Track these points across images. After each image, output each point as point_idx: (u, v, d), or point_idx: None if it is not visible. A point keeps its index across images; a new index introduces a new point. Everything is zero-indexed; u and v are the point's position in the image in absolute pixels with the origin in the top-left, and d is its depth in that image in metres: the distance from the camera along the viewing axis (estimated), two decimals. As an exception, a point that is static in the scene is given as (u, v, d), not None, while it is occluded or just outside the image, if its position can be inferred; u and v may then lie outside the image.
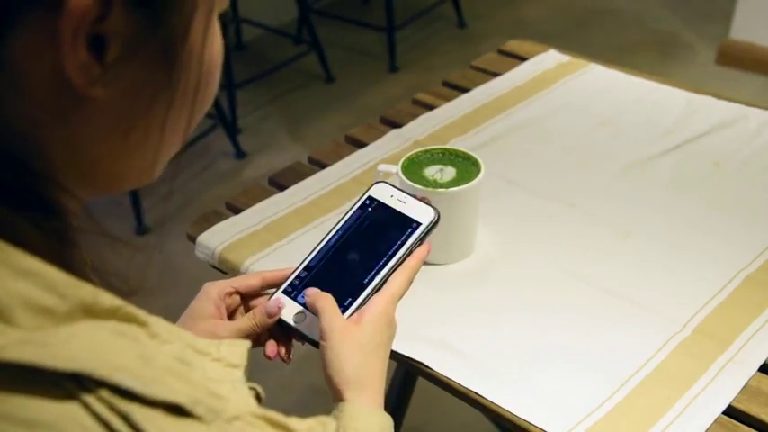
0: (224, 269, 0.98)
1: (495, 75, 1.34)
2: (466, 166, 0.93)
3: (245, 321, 0.71)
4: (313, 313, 0.68)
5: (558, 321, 0.86)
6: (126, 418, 0.37)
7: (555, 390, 0.78)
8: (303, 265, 0.74)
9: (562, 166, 1.11)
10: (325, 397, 0.65)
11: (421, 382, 1.39)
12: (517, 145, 1.16)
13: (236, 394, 0.43)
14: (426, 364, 0.81)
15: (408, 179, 0.90)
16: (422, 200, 0.76)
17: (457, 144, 1.13)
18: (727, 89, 1.42)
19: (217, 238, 0.99)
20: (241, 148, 2.57)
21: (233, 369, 0.45)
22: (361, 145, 1.18)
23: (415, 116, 1.23)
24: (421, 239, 0.73)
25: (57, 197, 0.41)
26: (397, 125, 1.22)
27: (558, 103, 1.26)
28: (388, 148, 1.15)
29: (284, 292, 0.73)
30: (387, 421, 0.63)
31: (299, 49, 3.00)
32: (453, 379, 0.80)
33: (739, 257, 0.92)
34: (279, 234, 1.00)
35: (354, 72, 3.02)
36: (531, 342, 0.84)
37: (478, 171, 0.91)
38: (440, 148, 0.96)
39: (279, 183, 1.11)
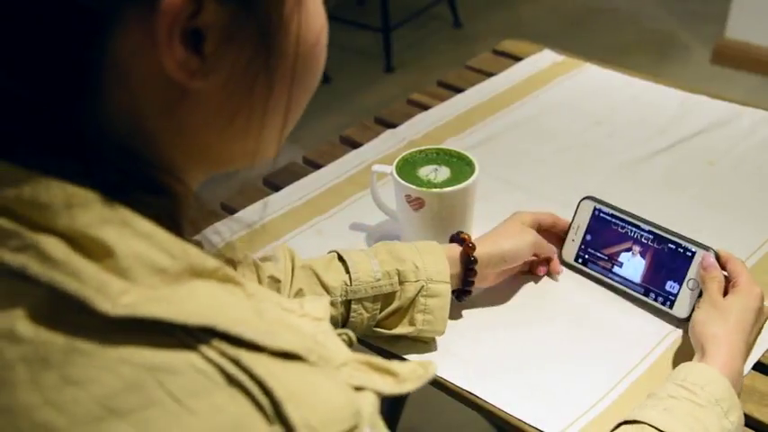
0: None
1: (490, 75, 1.34)
2: (460, 166, 0.93)
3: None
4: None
5: (553, 320, 0.86)
6: (236, 362, 0.38)
7: (550, 389, 0.78)
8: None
9: (557, 165, 1.12)
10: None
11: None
12: (512, 145, 1.16)
13: (333, 343, 0.45)
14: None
15: (403, 179, 0.90)
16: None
17: (452, 144, 1.13)
18: (722, 89, 1.43)
19: (212, 239, 0.99)
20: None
21: (319, 322, 0.46)
22: (355, 145, 1.18)
23: (409, 116, 1.23)
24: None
25: (167, 183, 0.44)
26: (392, 125, 1.22)
27: (552, 103, 1.26)
28: (383, 149, 1.15)
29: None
30: (727, 391, 0.70)
31: (295, 50, 3.00)
32: (448, 379, 0.80)
33: (733, 256, 0.93)
34: (274, 234, 1.00)
35: (350, 72, 3.02)
36: (526, 341, 0.84)
37: (473, 171, 0.92)
38: (434, 148, 0.96)
39: (274, 183, 1.11)
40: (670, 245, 0.85)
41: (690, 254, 0.83)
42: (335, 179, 1.10)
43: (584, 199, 0.92)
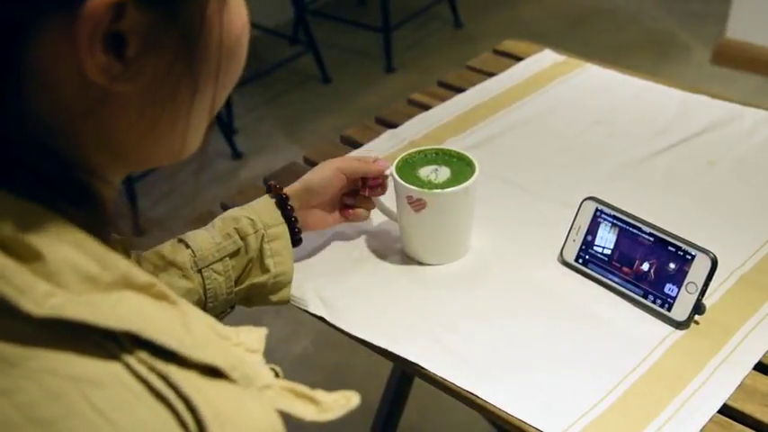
0: (220, 270, 0.98)
1: (491, 75, 1.34)
2: (460, 166, 0.93)
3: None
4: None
5: (554, 321, 0.86)
6: (165, 378, 0.38)
7: (550, 389, 0.78)
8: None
9: (557, 165, 1.12)
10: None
11: (418, 381, 1.39)
12: (512, 145, 1.16)
13: (262, 371, 0.45)
14: (422, 365, 0.81)
15: (403, 180, 0.90)
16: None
17: (452, 144, 1.13)
18: (722, 89, 1.43)
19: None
20: (237, 149, 2.57)
21: (252, 354, 0.47)
22: (356, 145, 1.18)
23: (410, 116, 1.23)
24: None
25: (92, 184, 0.44)
26: (393, 125, 1.22)
27: (553, 103, 1.26)
28: (384, 149, 1.15)
29: None
30: None
31: (296, 50, 3.00)
32: (449, 379, 0.80)
33: (734, 257, 0.92)
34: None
35: (351, 72, 3.02)
36: (526, 342, 0.84)
37: (473, 171, 0.92)
38: (434, 149, 0.96)
39: (274, 183, 1.11)
40: (670, 247, 0.85)
41: (689, 257, 0.83)
42: (336, 179, 1.10)
43: (586, 199, 0.92)
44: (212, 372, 0.41)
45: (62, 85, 0.40)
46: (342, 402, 0.47)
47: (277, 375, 0.51)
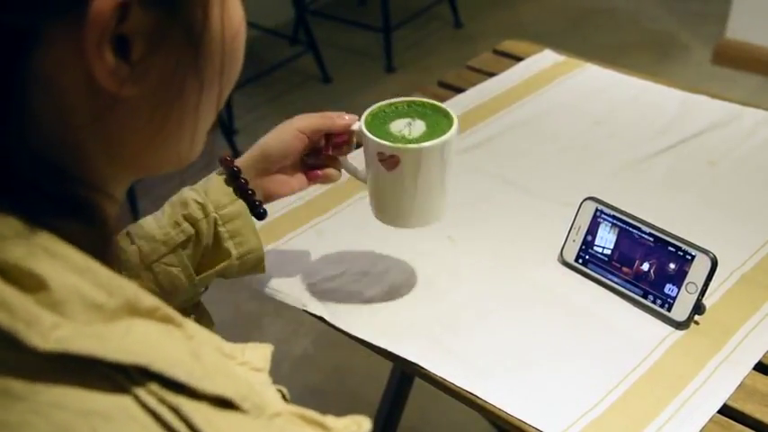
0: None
1: (491, 75, 1.34)
2: (436, 118, 0.83)
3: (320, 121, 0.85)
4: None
5: (554, 321, 0.86)
6: (175, 411, 0.38)
7: (550, 389, 0.78)
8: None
9: (557, 165, 1.12)
10: (323, 397, 0.65)
11: (418, 381, 1.39)
12: (512, 145, 1.16)
13: (269, 394, 0.45)
14: (422, 365, 0.81)
15: (374, 135, 0.81)
16: None
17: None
18: (722, 89, 1.43)
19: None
20: (237, 149, 2.57)
21: (257, 373, 0.46)
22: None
23: (410, 116, 1.23)
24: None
25: (96, 201, 0.43)
26: (393, 125, 1.21)
27: (553, 103, 1.26)
28: (384, 149, 1.15)
29: None
30: None
31: (296, 50, 3.00)
32: (449, 379, 0.80)
33: (734, 256, 0.92)
34: (274, 235, 0.99)
35: (351, 72, 3.02)
36: (526, 342, 0.84)
37: (450, 122, 0.82)
38: (406, 100, 0.86)
39: (274, 183, 1.10)
40: (670, 248, 0.85)
41: (689, 257, 0.83)
42: (336, 179, 1.09)
43: (586, 200, 0.92)
44: (223, 402, 0.40)
45: (67, 93, 0.40)
46: (353, 428, 0.46)
47: (284, 397, 0.51)
